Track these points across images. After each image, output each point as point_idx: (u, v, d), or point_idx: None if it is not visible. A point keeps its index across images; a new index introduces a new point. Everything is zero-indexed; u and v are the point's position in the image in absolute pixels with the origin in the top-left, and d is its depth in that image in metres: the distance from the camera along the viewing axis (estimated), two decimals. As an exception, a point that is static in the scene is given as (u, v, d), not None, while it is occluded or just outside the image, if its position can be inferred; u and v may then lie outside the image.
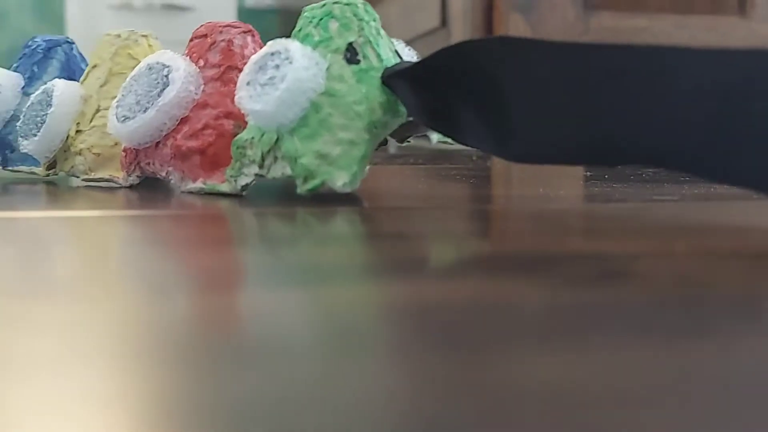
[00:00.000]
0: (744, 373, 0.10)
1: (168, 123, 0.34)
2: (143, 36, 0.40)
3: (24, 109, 0.40)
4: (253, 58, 0.31)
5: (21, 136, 0.39)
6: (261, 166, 0.30)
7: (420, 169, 0.50)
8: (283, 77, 0.29)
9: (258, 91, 0.29)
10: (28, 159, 0.42)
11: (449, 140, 0.31)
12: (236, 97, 0.30)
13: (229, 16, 2.30)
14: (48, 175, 0.41)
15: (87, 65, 0.45)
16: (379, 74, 0.30)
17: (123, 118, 0.34)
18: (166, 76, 0.34)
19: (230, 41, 0.35)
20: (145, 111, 0.33)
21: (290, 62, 0.29)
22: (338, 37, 0.30)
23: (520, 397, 0.09)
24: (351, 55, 0.30)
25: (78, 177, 0.39)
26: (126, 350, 0.11)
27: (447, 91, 0.28)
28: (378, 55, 0.30)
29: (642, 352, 0.11)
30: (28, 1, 2.36)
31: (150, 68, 0.35)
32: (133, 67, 0.39)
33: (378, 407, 0.09)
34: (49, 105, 0.38)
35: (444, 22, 1.06)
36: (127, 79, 0.35)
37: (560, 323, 0.12)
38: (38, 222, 0.25)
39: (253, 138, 0.30)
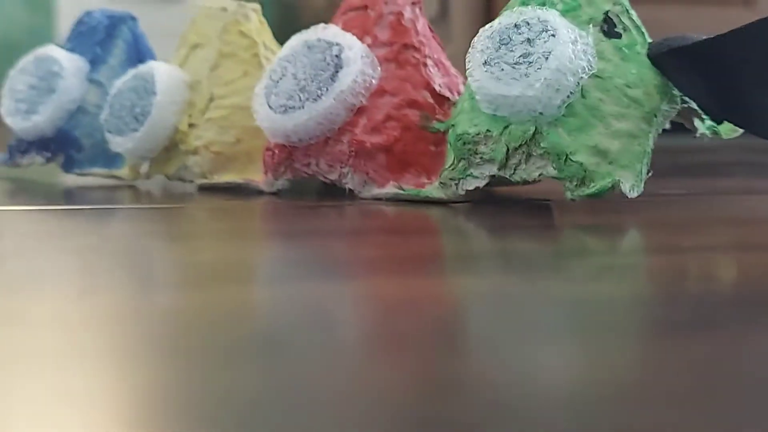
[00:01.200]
0: (749, 367, 0.10)
1: (343, 114, 0.27)
2: (254, 10, 0.33)
3: (109, 99, 0.32)
4: (485, 31, 0.25)
5: (110, 132, 0.32)
6: (503, 166, 0.24)
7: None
8: (546, 54, 0.23)
9: (508, 73, 0.23)
10: (99, 159, 0.35)
11: (731, 131, 0.25)
12: (471, 81, 0.24)
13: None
14: (135, 179, 0.33)
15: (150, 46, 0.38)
16: (644, 51, 0.24)
17: (282, 108, 0.27)
18: (337, 56, 0.27)
19: (400, 14, 0.29)
20: (315, 99, 0.27)
21: (554, 35, 0.23)
22: (588, 5, 0.25)
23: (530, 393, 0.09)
24: (609, 26, 0.24)
25: (189, 181, 0.32)
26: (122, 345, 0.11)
27: (743, 74, 0.23)
28: (638, 27, 0.25)
29: (647, 347, 0.11)
30: None
31: (310, 47, 0.28)
32: (248, 48, 0.32)
33: (369, 404, 0.09)
34: (152, 93, 0.31)
35: (444, 11, 1.02)
36: (277, 60, 0.29)
37: (566, 318, 0.12)
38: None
39: (488, 131, 0.24)
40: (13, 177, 0.38)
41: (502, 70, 0.24)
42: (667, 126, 0.25)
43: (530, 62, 0.23)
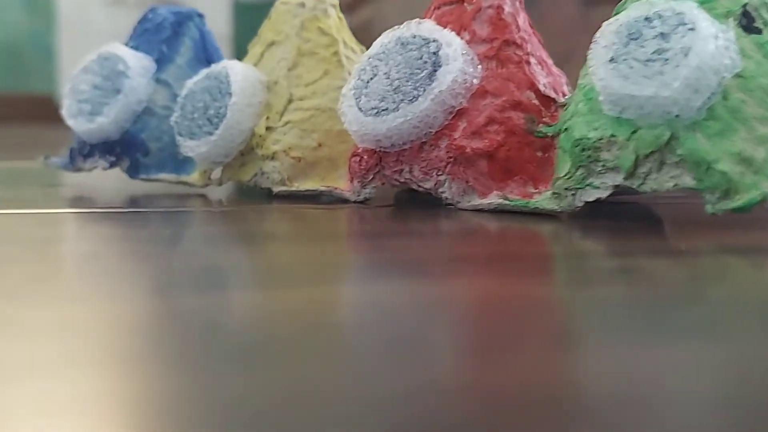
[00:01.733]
0: (756, 371, 0.10)
1: (441, 116, 0.25)
2: (332, 5, 0.31)
3: (181, 100, 0.30)
4: (609, 26, 0.22)
5: (182, 136, 0.30)
6: (630, 175, 0.22)
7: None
8: (685, 50, 0.21)
9: (638, 71, 0.21)
10: (168, 164, 0.33)
11: None
12: (596, 80, 0.22)
13: (223, 10, 2.20)
14: (206, 185, 0.31)
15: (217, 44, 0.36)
16: (788, 47, 0.22)
17: (374, 111, 0.25)
18: (435, 53, 0.25)
19: (499, 8, 0.27)
20: (411, 100, 0.25)
21: (693, 29, 0.21)
22: (723, -3, 0.22)
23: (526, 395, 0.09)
24: (748, 21, 0.22)
25: (266, 187, 0.29)
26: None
27: None
28: (779, 22, 0.22)
29: (653, 350, 0.11)
30: None
31: (404, 44, 0.26)
32: (328, 46, 0.30)
33: (371, 407, 0.09)
34: (227, 94, 0.29)
35: None
36: (365, 59, 0.26)
37: (571, 320, 0.12)
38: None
39: (613, 136, 0.22)
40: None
41: (632, 68, 0.21)
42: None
43: (666, 59, 0.21)
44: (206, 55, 0.34)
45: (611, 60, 0.22)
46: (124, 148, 0.33)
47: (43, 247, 0.19)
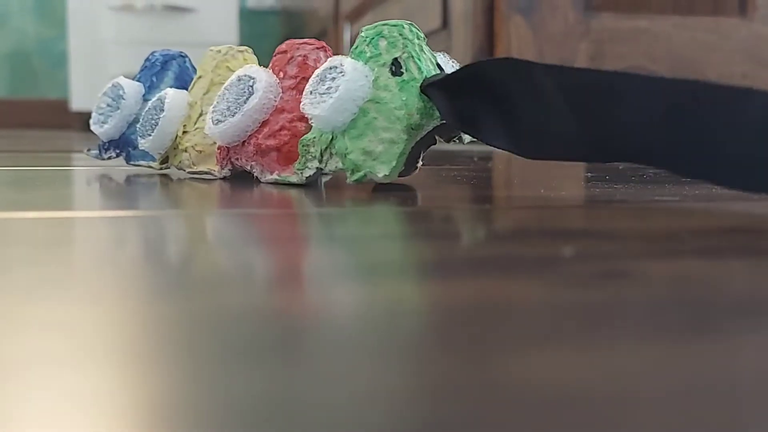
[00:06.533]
0: (747, 372, 0.10)
1: (251, 125, 0.40)
2: (240, 51, 0.47)
3: (143, 113, 0.48)
4: (316, 71, 0.37)
5: (139, 136, 0.47)
6: (320, 161, 0.36)
7: (423, 171, 0.50)
8: (337, 87, 0.35)
9: (317, 99, 0.36)
10: (146, 155, 0.50)
11: (476, 139, 0.36)
12: (301, 104, 0.37)
13: (230, 17, 2.26)
14: (161, 169, 0.48)
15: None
16: (419, 84, 0.35)
17: (216, 121, 0.41)
18: (251, 86, 0.41)
19: (305, 56, 0.42)
20: (233, 115, 0.40)
21: (343, 75, 0.35)
22: (386, 53, 0.36)
23: (520, 397, 0.09)
24: (395, 68, 0.36)
25: (184, 170, 0.46)
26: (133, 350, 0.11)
27: (472, 98, 0.33)
28: (419, 68, 0.36)
29: (644, 352, 0.11)
30: (30, 3, 2.36)
31: (239, 79, 0.41)
32: (231, 78, 0.46)
33: (376, 407, 0.09)
34: (162, 110, 0.46)
35: (445, 23, 1.06)
36: (221, 89, 0.42)
37: (561, 323, 0.12)
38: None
39: (314, 137, 0.36)
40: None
41: (315, 97, 0.36)
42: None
43: (329, 93, 0.35)
44: (182, 84, 0.52)
45: (311, 92, 0.36)
46: (123, 145, 0.51)
47: (57, 248, 0.20)
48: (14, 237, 0.21)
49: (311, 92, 0.36)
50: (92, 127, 0.51)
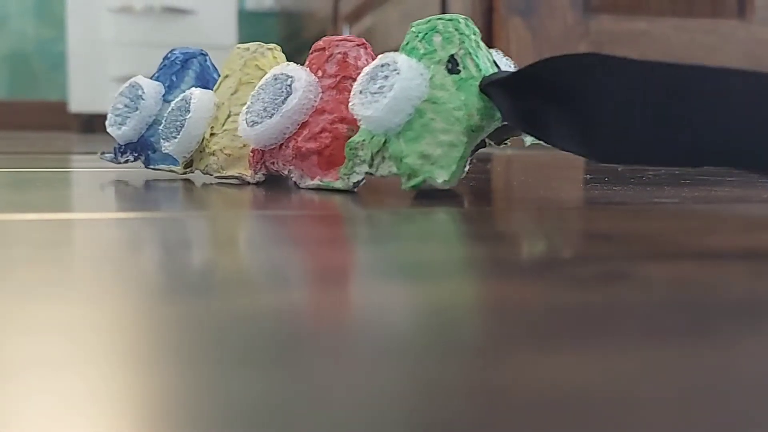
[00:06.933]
0: (745, 374, 0.10)
1: (290, 127, 0.38)
2: (269, 49, 0.45)
3: (165, 115, 0.45)
4: (366, 69, 0.35)
5: (162, 138, 0.45)
6: (371, 165, 0.34)
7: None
8: (391, 86, 0.33)
9: (369, 99, 0.33)
10: (168, 158, 0.48)
11: (541, 142, 0.34)
12: (350, 104, 0.34)
13: (229, 19, 2.27)
14: (185, 173, 0.46)
15: (218, 75, 0.50)
16: (477, 83, 0.33)
17: (252, 123, 0.39)
18: (289, 85, 0.38)
19: (345, 53, 0.39)
20: (271, 116, 0.38)
21: (398, 73, 0.33)
22: (441, 49, 0.34)
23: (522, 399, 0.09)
24: (452, 65, 0.33)
25: (211, 174, 0.44)
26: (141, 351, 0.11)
27: (540, 98, 0.31)
28: (477, 66, 0.33)
29: (645, 354, 0.11)
30: (30, 5, 2.37)
31: (275, 78, 0.39)
32: (261, 77, 0.44)
33: (376, 409, 0.09)
34: (187, 111, 0.43)
35: None
36: (256, 88, 0.40)
37: (562, 325, 0.12)
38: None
39: (364, 140, 0.34)
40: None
41: (366, 97, 0.33)
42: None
43: (382, 92, 0.33)
44: (204, 83, 0.49)
45: (360, 92, 0.34)
46: (141, 148, 0.48)
47: (57, 250, 0.19)
48: (14, 238, 0.21)
49: (361, 92, 0.34)
50: (109, 129, 0.49)
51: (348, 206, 0.30)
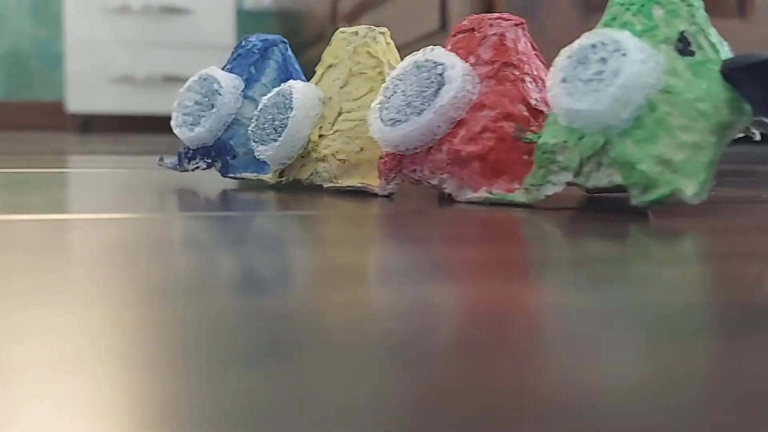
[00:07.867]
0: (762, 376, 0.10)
1: (443, 126, 0.30)
2: (381, 33, 0.37)
3: (256, 113, 0.37)
4: (565, 51, 0.27)
5: (255, 141, 0.37)
6: (577, 174, 0.26)
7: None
8: (616, 72, 0.25)
9: (581, 89, 0.26)
10: (250, 165, 0.40)
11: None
12: (550, 96, 0.27)
13: (227, 18, 2.24)
14: (279, 182, 0.38)
15: (300, 67, 0.42)
16: (717, 67, 0.26)
17: (391, 122, 0.31)
18: (441, 74, 0.31)
19: (502, 35, 0.32)
20: (419, 113, 0.30)
21: (623, 54, 0.25)
22: (665, 25, 0.26)
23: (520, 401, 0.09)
24: (683, 45, 0.26)
25: (320, 184, 0.36)
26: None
27: None
28: (713, 45, 0.26)
29: (652, 357, 0.11)
30: (26, 4, 2.35)
31: (418, 66, 0.31)
32: (374, 67, 0.36)
33: (369, 410, 0.09)
34: (289, 108, 0.36)
35: (444, 24, 1.03)
36: (389, 79, 0.32)
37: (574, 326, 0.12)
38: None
39: (565, 142, 0.27)
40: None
41: (576, 86, 0.26)
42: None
43: (601, 79, 0.25)
44: (287, 75, 0.41)
45: (563, 80, 0.26)
46: (218, 152, 0.40)
47: (52, 252, 0.19)
48: (13, 239, 0.21)
49: (564, 80, 0.26)
50: (177, 131, 0.41)
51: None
